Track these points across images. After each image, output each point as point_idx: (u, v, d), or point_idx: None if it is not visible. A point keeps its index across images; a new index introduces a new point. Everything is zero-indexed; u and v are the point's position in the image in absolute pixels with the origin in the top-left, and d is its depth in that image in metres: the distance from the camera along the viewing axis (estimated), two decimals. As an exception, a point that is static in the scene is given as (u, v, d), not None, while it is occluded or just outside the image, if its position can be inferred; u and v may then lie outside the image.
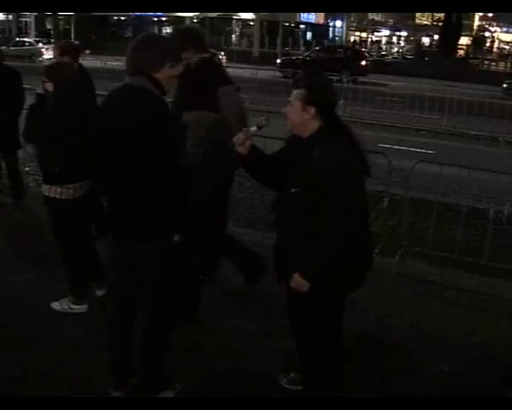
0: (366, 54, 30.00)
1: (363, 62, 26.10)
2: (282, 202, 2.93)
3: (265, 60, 30.20)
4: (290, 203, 2.83)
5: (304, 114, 2.76)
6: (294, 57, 28.62)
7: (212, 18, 40.68)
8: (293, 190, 2.78)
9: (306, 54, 29.31)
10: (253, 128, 2.86)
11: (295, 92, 2.80)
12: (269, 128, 2.92)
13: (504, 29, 60.47)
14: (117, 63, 20.21)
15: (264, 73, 21.08)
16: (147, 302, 3.01)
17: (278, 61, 27.36)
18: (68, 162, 3.68)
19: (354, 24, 54.04)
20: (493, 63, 37.33)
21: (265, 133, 3.12)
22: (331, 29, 48.27)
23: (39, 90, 3.85)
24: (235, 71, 17.34)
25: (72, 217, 3.86)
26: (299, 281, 2.78)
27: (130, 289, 3.02)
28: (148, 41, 2.82)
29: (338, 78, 17.04)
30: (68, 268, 4.03)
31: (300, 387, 3.21)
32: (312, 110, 2.75)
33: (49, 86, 3.73)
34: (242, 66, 22.05)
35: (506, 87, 22.20)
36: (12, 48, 29.27)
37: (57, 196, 3.77)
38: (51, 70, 3.82)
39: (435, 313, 4.30)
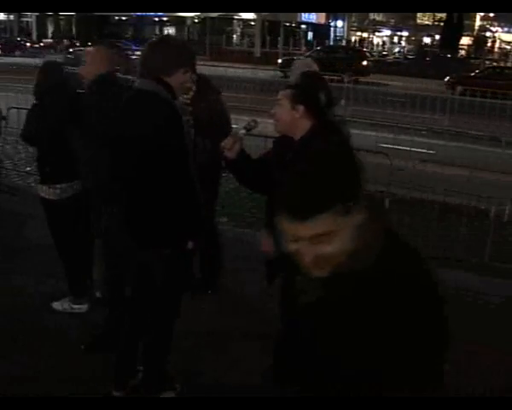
0: (367, 54, 30.00)
1: (365, 62, 26.09)
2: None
3: (267, 60, 30.20)
4: None
5: (293, 113, 2.71)
6: (296, 57, 28.64)
7: (212, 18, 40.67)
8: None
9: (307, 54, 29.30)
10: (242, 131, 2.82)
11: (282, 92, 2.76)
12: (270, 128, 2.89)
13: (505, 29, 60.43)
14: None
15: (265, 73, 21.08)
16: (153, 304, 3.02)
17: (279, 61, 27.35)
18: (56, 162, 3.68)
19: (355, 24, 54.01)
20: (494, 63, 37.29)
21: (267, 133, 3.09)
22: (332, 29, 48.24)
23: None
24: (237, 71, 17.36)
25: (67, 217, 3.85)
26: None
27: (144, 293, 3.03)
28: (162, 44, 2.78)
29: (339, 78, 17.03)
30: (67, 268, 4.03)
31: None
32: (301, 108, 2.70)
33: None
34: (244, 66, 22.08)
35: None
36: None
37: (48, 197, 3.77)
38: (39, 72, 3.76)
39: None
